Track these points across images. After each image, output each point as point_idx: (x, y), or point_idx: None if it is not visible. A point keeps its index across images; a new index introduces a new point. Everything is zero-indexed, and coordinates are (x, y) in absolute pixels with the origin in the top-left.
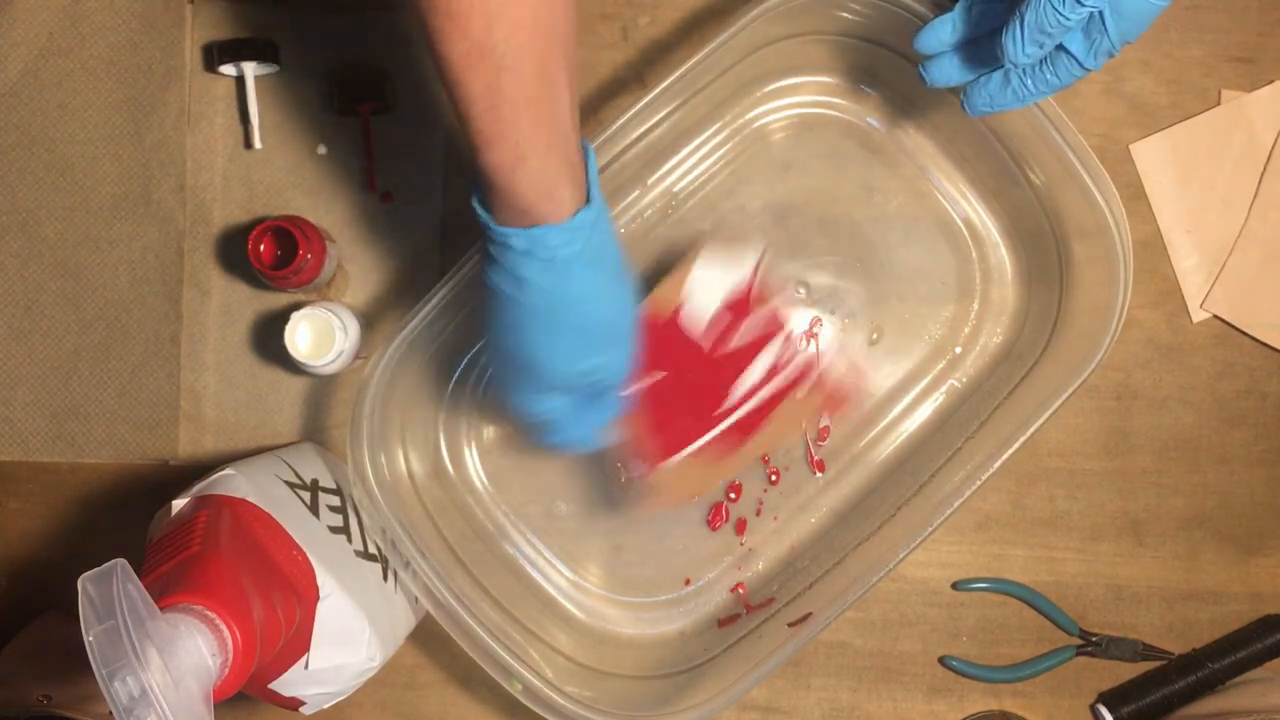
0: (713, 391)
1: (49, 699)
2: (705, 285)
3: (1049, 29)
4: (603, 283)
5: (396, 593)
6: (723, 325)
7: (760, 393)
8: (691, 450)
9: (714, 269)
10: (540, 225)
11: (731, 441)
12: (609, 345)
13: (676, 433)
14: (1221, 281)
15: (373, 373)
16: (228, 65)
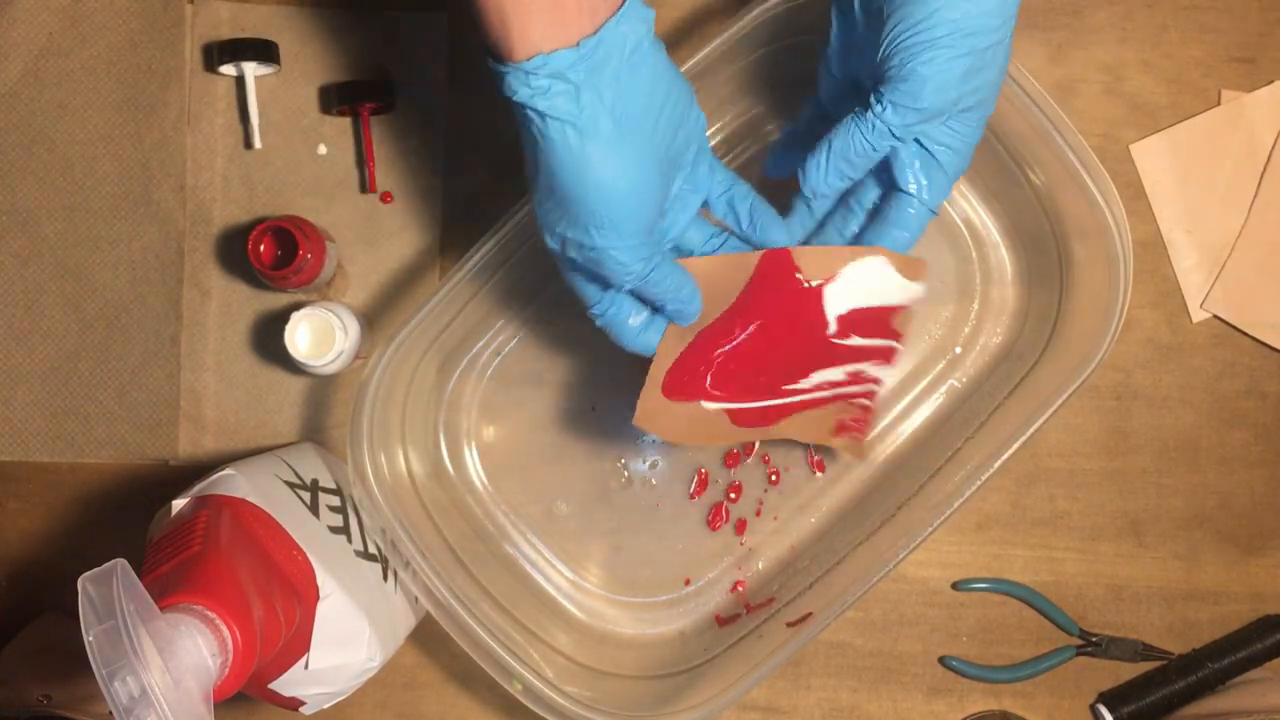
0: (792, 368)
1: (49, 699)
2: (866, 277)
3: (852, 160)
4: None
5: (396, 593)
6: (853, 322)
7: (822, 391)
8: (728, 407)
9: (885, 270)
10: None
11: (761, 418)
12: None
13: (728, 380)
14: (1221, 281)
15: (373, 373)
16: (228, 65)
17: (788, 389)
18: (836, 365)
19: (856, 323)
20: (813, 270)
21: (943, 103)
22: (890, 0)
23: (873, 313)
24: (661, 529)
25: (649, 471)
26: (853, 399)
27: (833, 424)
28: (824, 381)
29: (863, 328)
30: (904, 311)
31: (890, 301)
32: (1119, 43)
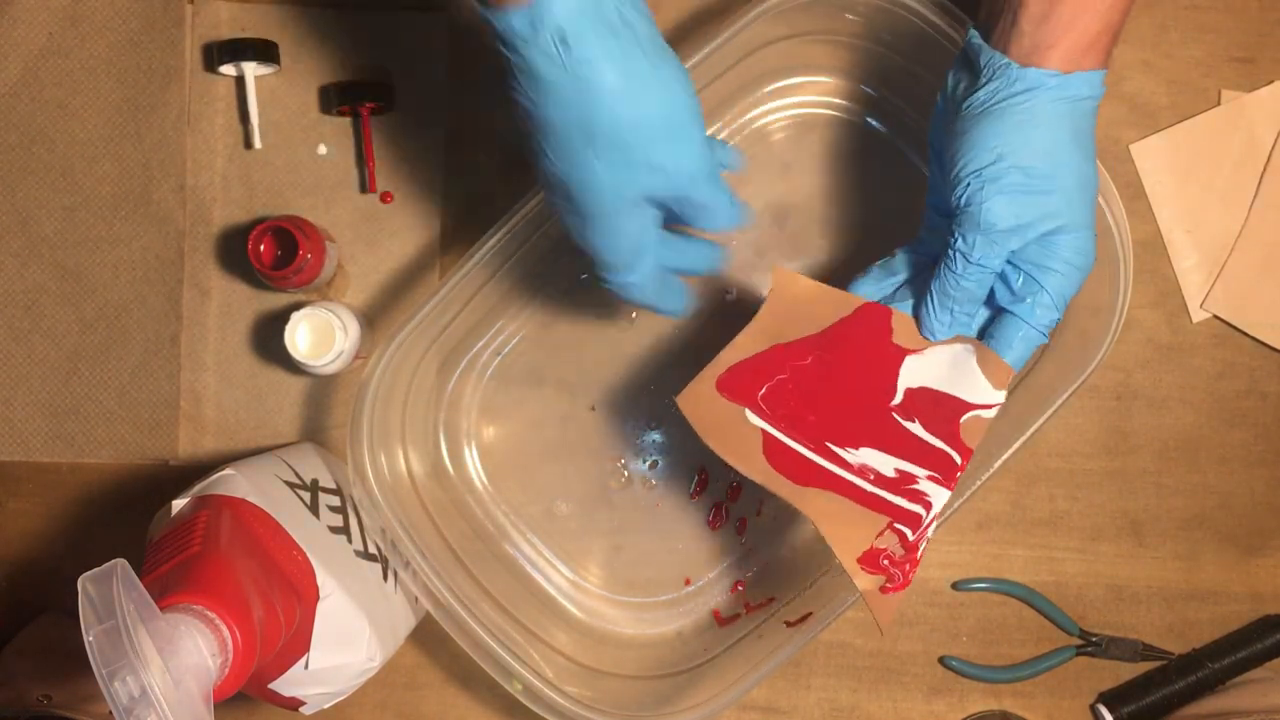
0: (845, 426)
1: (49, 699)
2: (950, 361)
3: (953, 295)
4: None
5: (396, 593)
6: (921, 403)
7: (865, 480)
8: (769, 430)
9: (969, 362)
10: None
11: (795, 468)
12: (666, 143)
13: (780, 402)
14: (1221, 281)
15: (373, 373)
16: (228, 65)
17: (832, 449)
18: (890, 452)
19: (924, 406)
20: (904, 337)
21: (1009, 225)
22: (951, 146)
23: (943, 402)
24: (661, 529)
25: (649, 471)
26: (898, 520)
27: (869, 545)
28: (871, 465)
29: (928, 416)
30: (976, 418)
31: (965, 396)
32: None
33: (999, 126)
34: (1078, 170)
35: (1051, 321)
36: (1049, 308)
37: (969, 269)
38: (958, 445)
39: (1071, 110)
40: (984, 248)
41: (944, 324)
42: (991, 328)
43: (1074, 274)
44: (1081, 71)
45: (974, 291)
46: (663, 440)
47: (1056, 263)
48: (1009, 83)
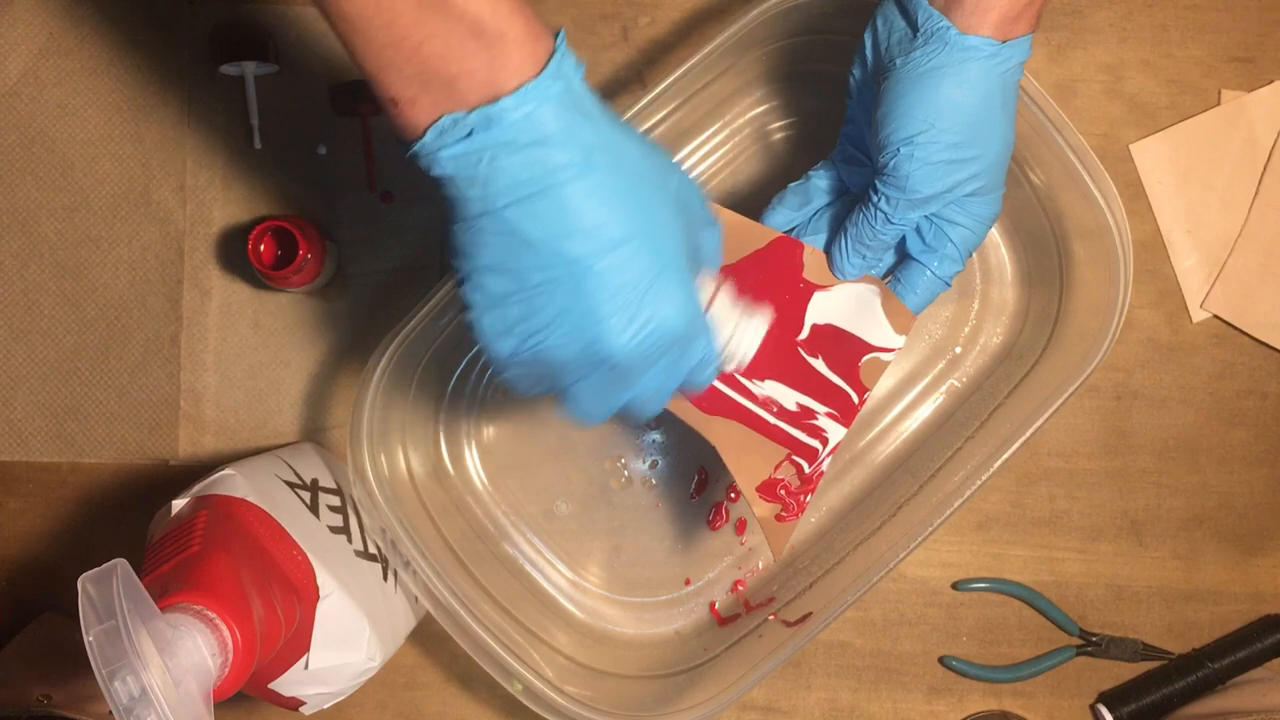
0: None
1: (49, 699)
2: (855, 301)
3: (868, 243)
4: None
5: (396, 593)
6: (825, 339)
7: (767, 412)
8: None
9: (874, 304)
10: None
11: (704, 398)
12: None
13: None
14: (1221, 281)
15: (373, 372)
16: (228, 65)
17: (740, 380)
18: (793, 386)
19: (828, 343)
20: (814, 273)
21: (933, 192)
22: (881, 100)
23: (847, 340)
24: (661, 529)
25: (649, 471)
26: (796, 453)
27: (768, 474)
28: (774, 398)
29: (831, 353)
30: (875, 359)
31: (868, 337)
32: (1119, 43)
33: (931, 94)
34: (1003, 137)
35: (955, 271)
36: (954, 260)
37: (885, 226)
38: (856, 384)
39: (1003, 77)
40: (905, 210)
41: (855, 267)
42: (899, 271)
43: (981, 228)
44: (1015, 39)
45: (888, 241)
46: (663, 440)
47: (967, 219)
48: (945, 47)
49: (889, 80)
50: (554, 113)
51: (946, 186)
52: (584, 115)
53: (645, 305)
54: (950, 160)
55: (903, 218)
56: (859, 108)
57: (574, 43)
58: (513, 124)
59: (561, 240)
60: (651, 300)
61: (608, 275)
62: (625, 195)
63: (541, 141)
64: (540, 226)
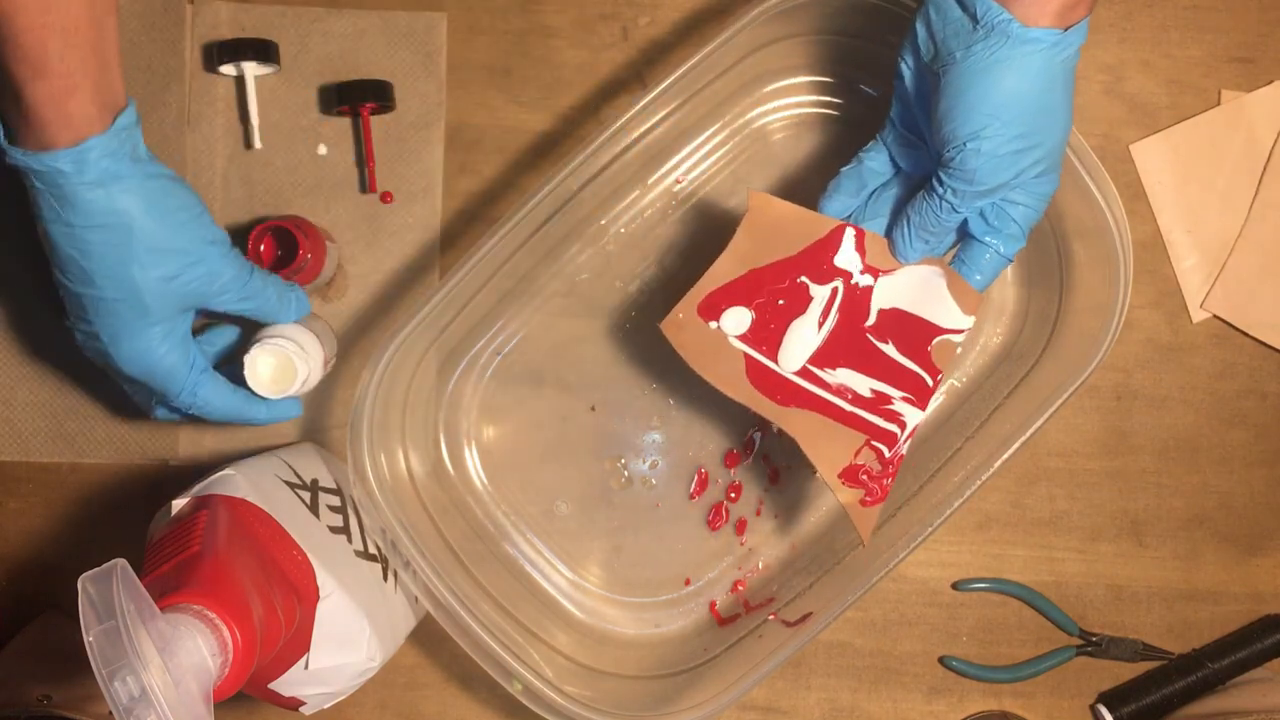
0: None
1: (49, 699)
2: (922, 284)
3: (931, 229)
4: (148, 198)
5: (396, 593)
6: (893, 324)
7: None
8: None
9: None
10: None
11: (776, 388)
12: (188, 255)
13: (760, 325)
14: (1221, 281)
15: (373, 373)
16: (228, 65)
17: (812, 370)
18: (866, 373)
19: (897, 327)
20: (876, 258)
21: (998, 182)
22: (938, 90)
23: (915, 324)
24: (661, 529)
25: (649, 471)
26: (875, 438)
27: (848, 461)
28: (848, 386)
29: (901, 338)
30: (945, 341)
31: (936, 320)
32: (1119, 43)
33: (995, 89)
34: (1064, 123)
35: (1017, 248)
36: (1017, 238)
37: (953, 215)
38: (929, 367)
39: (1064, 64)
40: (971, 200)
41: (918, 251)
42: (962, 252)
43: (1042, 205)
44: (1073, 27)
45: (951, 225)
46: (663, 440)
47: (1029, 198)
48: (1007, 40)
49: (949, 74)
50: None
51: (1013, 175)
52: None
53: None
54: (1016, 151)
55: (968, 206)
56: (914, 94)
57: (574, 43)
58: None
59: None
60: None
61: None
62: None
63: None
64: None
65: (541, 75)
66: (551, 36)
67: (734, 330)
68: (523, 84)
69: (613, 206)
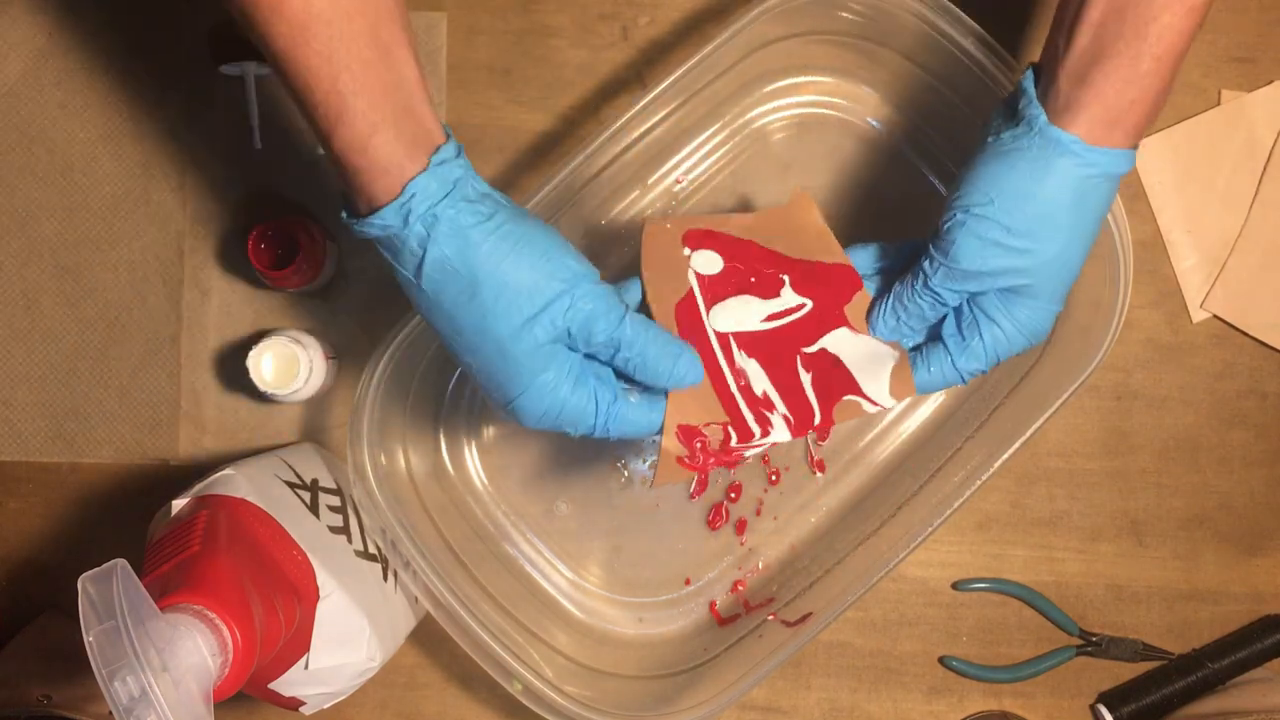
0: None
1: (49, 699)
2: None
3: (921, 311)
4: (498, 227)
5: (396, 593)
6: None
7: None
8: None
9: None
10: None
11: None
12: (553, 287)
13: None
14: (1221, 281)
15: (373, 373)
16: (228, 65)
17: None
18: (770, 377)
19: (825, 368)
20: (853, 312)
21: (974, 268)
22: (961, 168)
23: (843, 376)
24: (661, 529)
25: (649, 472)
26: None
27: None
28: (747, 374)
29: (822, 377)
30: (856, 403)
31: (863, 385)
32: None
33: (1003, 172)
34: (1062, 245)
35: (974, 371)
36: (977, 357)
37: (925, 293)
38: (826, 412)
39: (1080, 183)
40: (943, 279)
41: (889, 327)
42: (925, 346)
43: (1017, 339)
44: (1106, 147)
45: (925, 313)
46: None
47: (1006, 320)
48: (1030, 133)
49: (975, 153)
50: (397, 248)
51: (989, 269)
52: (414, 237)
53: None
54: (999, 243)
55: (940, 287)
56: None
57: (574, 43)
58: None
59: (431, 313)
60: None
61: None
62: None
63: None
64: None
65: (541, 75)
66: (551, 36)
67: (700, 267)
68: (523, 84)
69: (613, 206)
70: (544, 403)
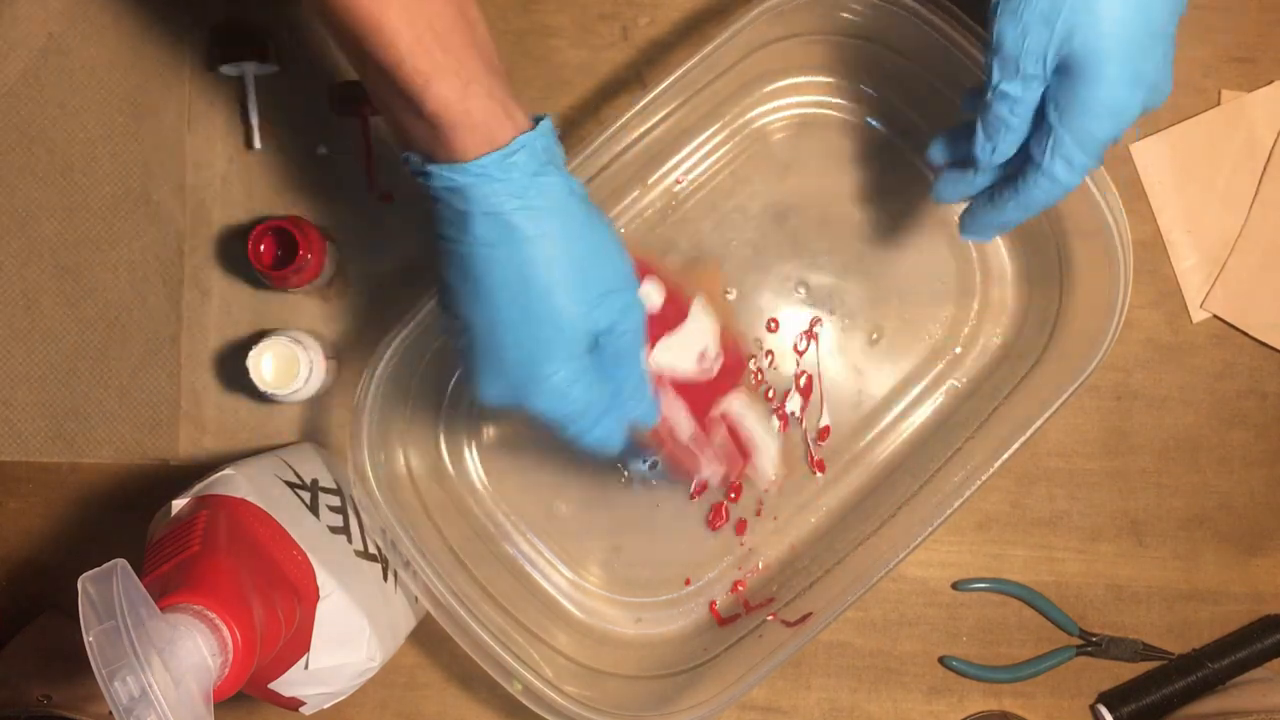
0: None
1: (49, 699)
2: None
3: (1000, 116)
4: (588, 207)
5: (396, 593)
6: None
7: None
8: None
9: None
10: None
11: None
12: (618, 281)
13: None
14: (1221, 281)
15: (373, 373)
16: (228, 65)
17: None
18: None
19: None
20: None
21: (1015, 44)
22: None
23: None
24: (661, 529)
25: (649, 471)
26: None
27: None
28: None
29: None
30: None
31: None
32: None
33: None
34: None
35: (1068, 172)
36: (1068, 157)
37: (995, 95)
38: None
39: None
40: (999, 70)
41: (986, 152)
42: (1007, 180)
43: (1101, 122)
44: None
45: (1004, 119)
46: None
47: (1070, 99)
48: None
49: None
50: (479, 190)
51: (1031, 43)
52: (513, 198)
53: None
54: (1036, 11)
55: (1003, 82)
56: None
57: (574, 43)
58: (443, 186)
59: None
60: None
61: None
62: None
63: (462, 211)
64: (447, 270)
65: (541, 75)
66: (551, 36)
67: None
68: (523, 84)
69: (613, 206)
70: (572, 386)
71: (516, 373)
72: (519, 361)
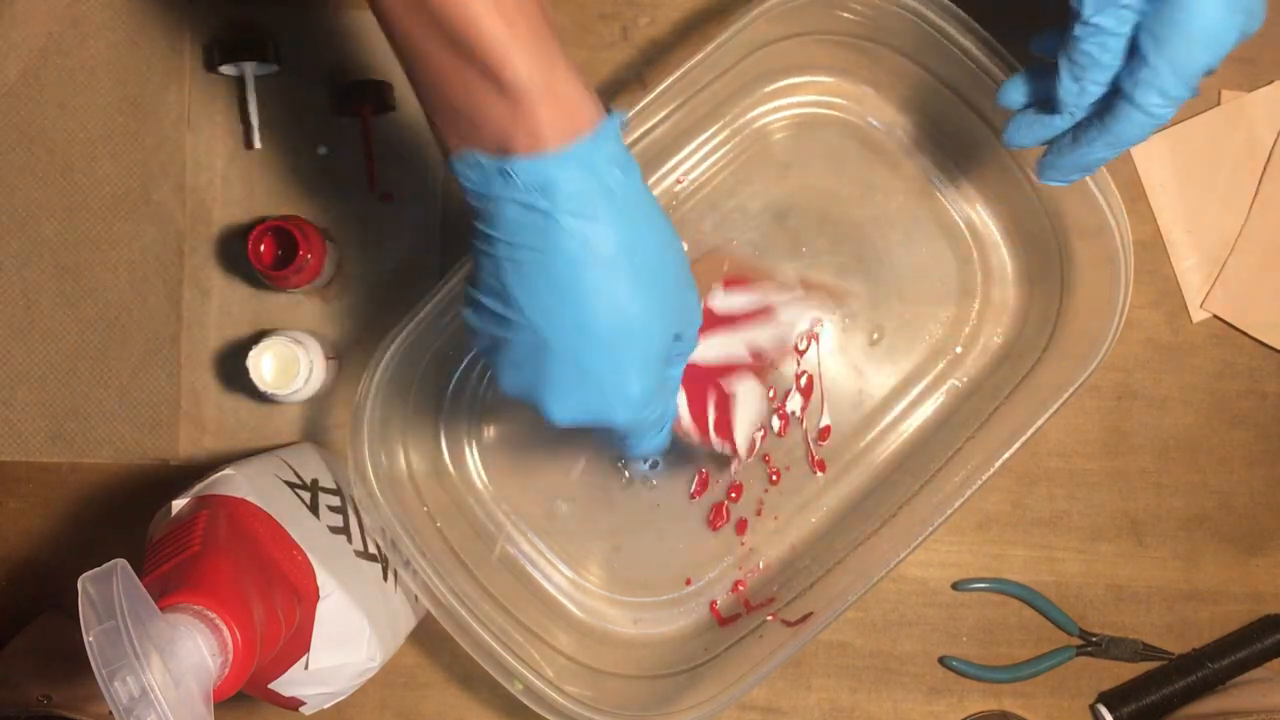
0: None
1: (49, 699)
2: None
3: (1089, 53)
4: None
5: (396, 593)
6: None
7: None
8: None
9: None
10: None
11: None
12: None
13: None
14: (1221, 281)
15: (373, 372)
16: (228, 65)
17: None
18: None
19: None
20: None
21: None
22: None
23: None
24: (661, 529)
25: (649, 471)
26: None
27: None
28: None
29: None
30: None
31: None
32: None
33: None
34: None
35: (1156, 109)
36: (1161, 92)
37: (1087, 30)
38: None
39: None
40: (1092, 2)
41: (1072, 93)
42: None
43: (1192, 49)
44: None
45: (1094, 55)
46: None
47: (1165, 27)
48: None
49: None
50: (569, 186)
51: None
52: (603, 197)
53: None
54: None
55: (1093, 14)
56: None
57: (574, 43)
58: (524, 183)
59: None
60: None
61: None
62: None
63: (546, 212)
64: (516, 281)
65: None
66: None
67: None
68: None
69: None
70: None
71: (599, 388)
72: (604, 375)
